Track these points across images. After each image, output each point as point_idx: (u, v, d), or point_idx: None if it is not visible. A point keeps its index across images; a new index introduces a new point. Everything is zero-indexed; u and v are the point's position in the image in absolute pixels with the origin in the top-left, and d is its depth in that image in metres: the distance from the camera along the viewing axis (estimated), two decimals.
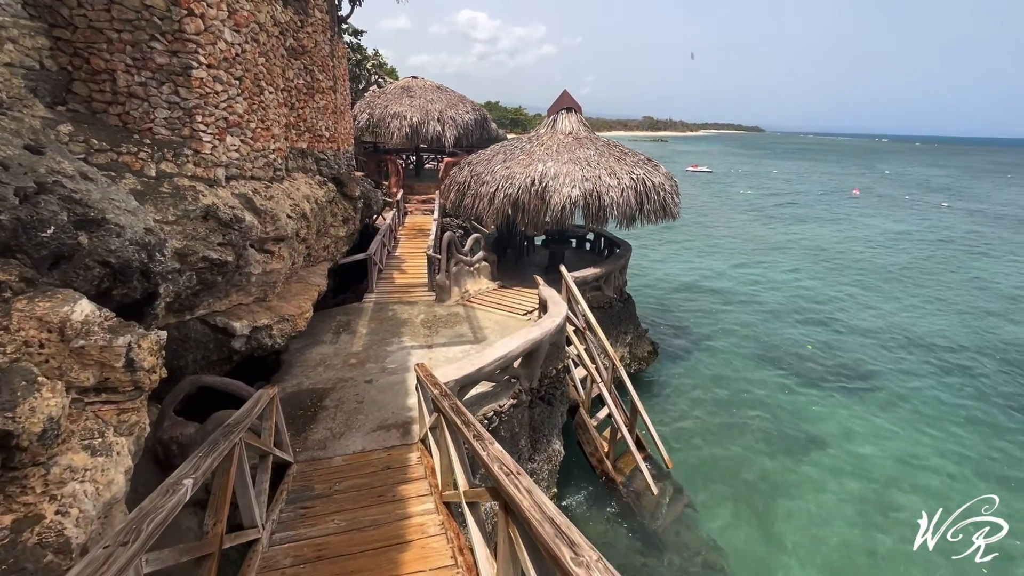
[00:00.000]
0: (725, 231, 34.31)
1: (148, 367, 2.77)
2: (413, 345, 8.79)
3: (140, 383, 2.74)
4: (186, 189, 5.34)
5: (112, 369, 2.55)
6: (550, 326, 7.66)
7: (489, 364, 6.48)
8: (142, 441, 2.88)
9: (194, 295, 5.74)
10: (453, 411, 3.52)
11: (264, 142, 6.85)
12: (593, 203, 10.80)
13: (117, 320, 2.81)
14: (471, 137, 21.42)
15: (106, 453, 2.44)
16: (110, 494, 2.40)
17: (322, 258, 9.78)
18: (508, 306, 10.84)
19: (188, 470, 2.49)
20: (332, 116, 9.81)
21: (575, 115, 12.93)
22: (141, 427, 2.83)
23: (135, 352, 2.68)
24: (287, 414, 6.53)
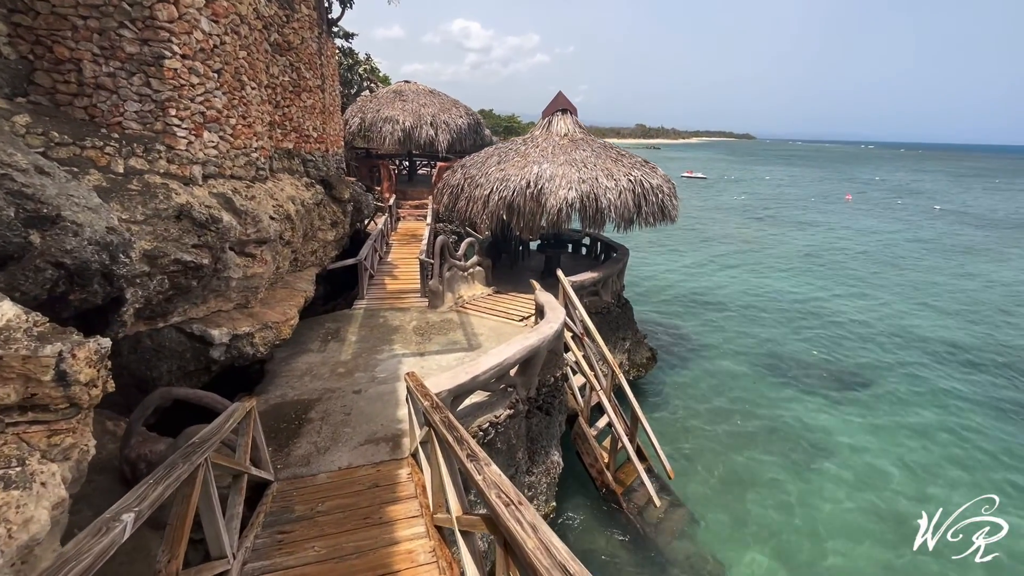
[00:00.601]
0: (721, 236, 34.19)
1: (85, 380, 2.39)
2: (405, 353, 8.40)
3: (76, 399, 2.36)
4: (157, 187, 4.97)
5: (39, 383, 2.18)
6: (548, 332, 7.32)
7: (484, 372, 6.11)
8: (84, 467, 2.50)
9: (167, 301, 5.35)
10: (445, 426, 3.16)
11: (246, 140, 6.50)
12: (590, 205, 10.49)
13: (49, 326, 2.44)
14: (464, 142, 21.14)
15: (23, 485, 2.06)
16: (27, 535, 2.02)
17: (309, 263, 9.39)
18: (503, 312, 10.49)
19: (132, 501, 2.11)
20: (320, 116, 9.47)
21: (570, 117, 12.67)
22: (82, 450, 2.45)
23: (68, 363, 2.31)
24: (269, 427, 6.13)
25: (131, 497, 2.18)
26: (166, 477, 2.47)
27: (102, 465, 4.95)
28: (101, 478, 4.86)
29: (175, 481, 2.48)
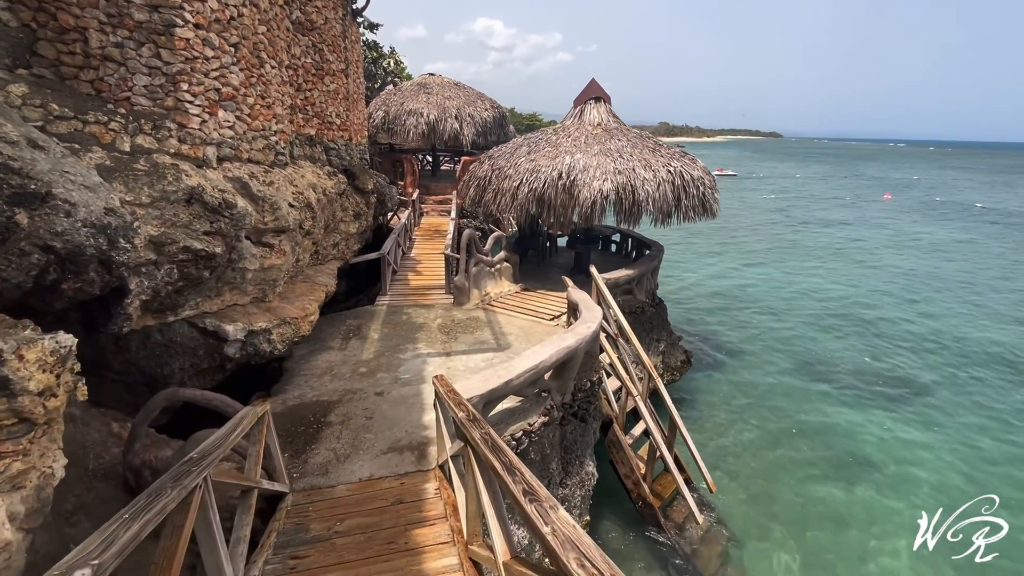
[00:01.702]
0: (754, 236, 32.99)
1: (36, 389, 1.90)
2: (430, 352, 7.89)
3: (25, 413, 1.88)
4: (167, 168, 4.53)
5: None
6: (586, 333, 6.71)
7: (518, 376, 5.55)
8: (47, 494, 2.02)
9: (177, 293, 4.92)
10: (488, 446, 2.59)
11: (264, 121, 6.05)
12: (627, 198, 9.83)
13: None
14: (490, 136, 20.61)
15: None
16: None
17: (331, 256, 8.96)
18: (532, 310, 9.91)
19: (92, 549, 1.61)
20: (344, 102, 9.03)
21: (604, 105, 12.00)
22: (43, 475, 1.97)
23: (11, 367, 1.82)
24: (286, 431, 5.68)
25: (93, 542, 1.67)
26: (146, 509, 1.97)
27: (105, 471, 4.55)
28: (103, 485, 4.45)
29: (157, 515, 1.97)
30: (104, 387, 5.37)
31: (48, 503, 2.07)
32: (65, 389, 2.09)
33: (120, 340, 5.17)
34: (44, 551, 3.87)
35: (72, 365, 2.17)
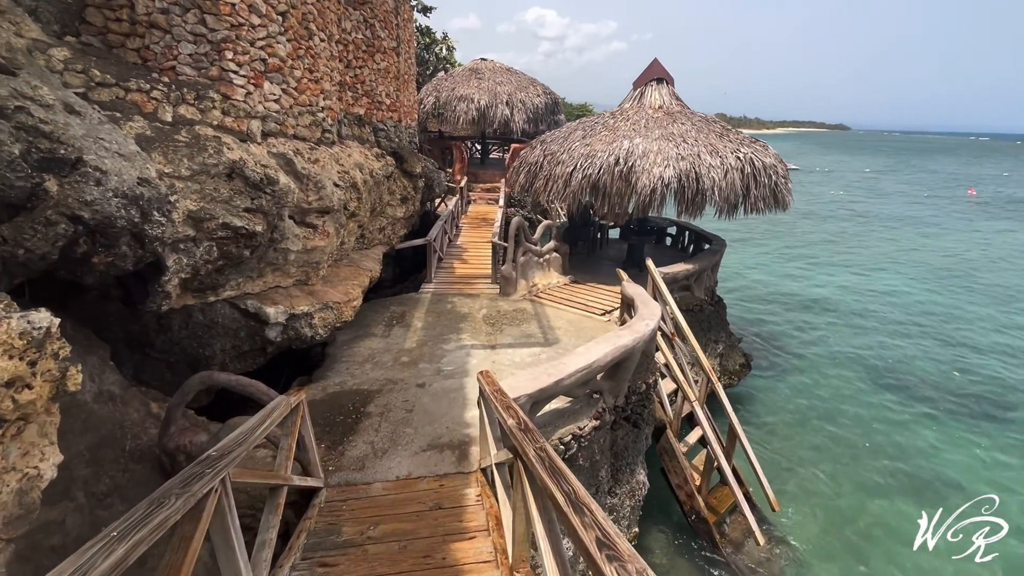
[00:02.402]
0: (819, 233, 30.87)
1: (1, 379, 1.60)
2: (474, 344, 7.53)
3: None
4: (208, 140, 4.31)
5: None
6: (644, 331, 6.13)
7: (569, 376, 5.07)
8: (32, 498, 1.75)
9: (218, 272, 4.73)
10: (544, 467, 2.14)
11: (311, 96, 5.79)
12: (690, 186, 9.07)
13: None
14: (540, 124, 20.00)
15: None
16: None
17: (377, 241, 8.74)
18: (582, 304, 9.37)
19: None
20: (394, 82, 8.73)
21: (666, 86, 11.19)
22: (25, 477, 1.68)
23: None
24: (324, 419, 5.46)
25: (68, 568, 1.34)
26: (140, 525, 1.64)
27: (142, 452, 4.43)
28: (139, 467, 4.33)
29: (153, 532, 1.64)
30: (147, 365, 5.30)
31: (34, 507, 1.80)
32: (46, 379, 1.81)
33: (163, 319, 5.06)
34: (75, 534, 3.76)
35: (56, 350, 1.88)
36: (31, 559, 3.43)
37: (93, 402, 4.19)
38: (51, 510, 3.59)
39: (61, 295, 4.66)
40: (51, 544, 3.49)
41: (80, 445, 3.96)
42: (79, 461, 3.89)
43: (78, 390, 1.97)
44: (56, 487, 3.74)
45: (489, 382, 4.00)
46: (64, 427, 4.04)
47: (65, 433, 4.00)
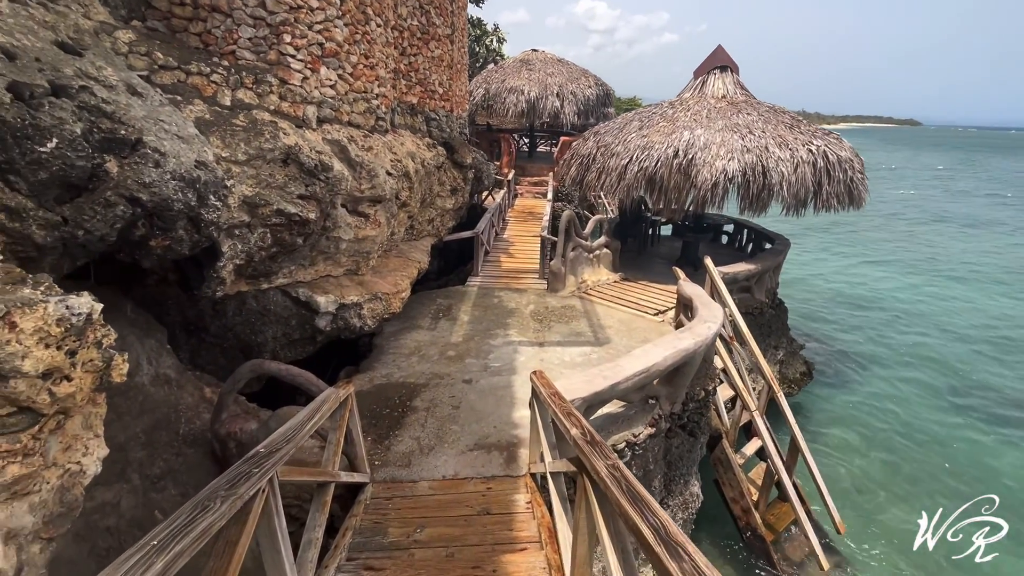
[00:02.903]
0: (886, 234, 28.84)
1: (37, 369, 1.46)
2: (521, 341, 7.30)
3: (24, 401, 1.45)
4: (264, 124, 4.25)
5: None
6: (705, 334, 5.71)
7: (627, 379, 4.75)
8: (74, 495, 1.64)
9: (271, 259, 4.70)
10: (622, 490, 1.87)
11: (367, 83, 5.69)
12: (755, 181, 8.47)
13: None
14: (591, 116, 19.49)
15: None
16: None
17: (425, 232, 8.65)
18: (634, 302, 8.96)
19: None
20: (447, 71, 8.58)
21: (730, 75, 10.53)
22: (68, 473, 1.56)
23: None
24: (371, 412, 5.37)
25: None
26: (183, 533, 1.49)
27: (195, 436, 4.45)
28: (192, 451, 4.36)
29: (196, 541, 1.49)
30: (203, 350, 5.37)
31: (77, 505, 1.70)
32: (88, 369, 1.69)
33: (218, 304, 5.10)
34: (129, 515, 3.80)
35: (100, 337, 1.76)
36: (87, 539, 3.47)
37: (150, 384, 4.23)
38: (107, 491, 3.63)
39: (124, 278, 4.75)
40: (106, 525, 3.52)
41: (136, 427, 4.00)
42: (135, 443, 3.93)
43: (123, 380, 1.85)
44: (112, 469, 3.78)
45: (544, 383, 3.75)
46: (122, 408, 4.10)
47: (123, 415, 4.05)
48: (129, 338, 4.19)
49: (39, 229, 2.54)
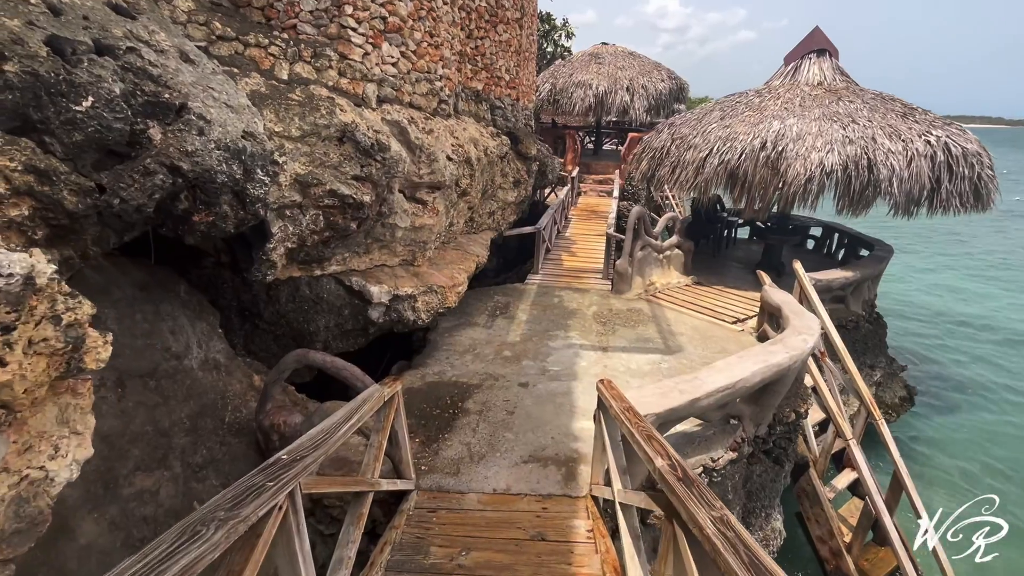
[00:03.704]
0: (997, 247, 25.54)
1: None
2: (583, 344, 6.76)
3: None
4: (321, 100, 4.00)
5: None
6: (801, 348, 4.93)
7: (708, 395, 4.11)
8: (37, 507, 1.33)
9: (324, 244, 4.46)
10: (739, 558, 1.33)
11: (430, 62, 5.37)
12: (859, 175, 7.42)
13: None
14: (662, 111, 18.50)
15: None
16: None
17: (485, 226, 8.29)
18: (709, 309, 8.16)
19: None
20: (515, 57, 8.17)
21: (828, 60, 9.42)
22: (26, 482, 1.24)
23: None
24: (420, 411, 5.04)
25: None
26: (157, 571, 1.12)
27: (240, 426, 4.28)
28: (236, 441, 4.18)
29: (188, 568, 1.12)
30: (256, 336, 5.26)
31: (43, 519, 1.39)
32: (37, 351, 1.36)
33: (271, 289, 4.95)
34: (168, 505, 3.63)
35: (57, 310, 1.43)
36: (123, 527, 3.33)
37: (198, 369, 4.10)
38: (147, 478, 3.49)
39: (181, 259, 4.69)
40: (144, 514, 3.37)
41: (182, 412, 3.86)
42: (179, 429, 3.78)
43: (102, 367, 1.54)
44: (154, 455, 3.65)
45: (615, 395, 3.22)
46: (168, 392, 3.98)
47: (169, 398, 3.92)
48: (180, 319, 4.07)
49: (71, 195, 2.33)
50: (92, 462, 3.25)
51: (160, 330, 3.92)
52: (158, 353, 3.84)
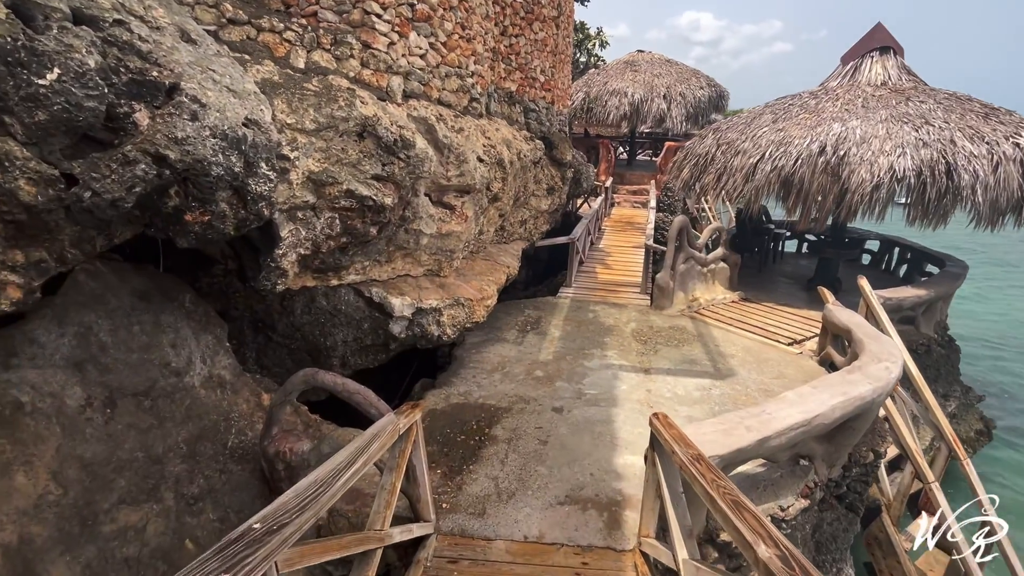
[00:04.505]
0: None
1: None
2: (622, 365, 6.15)
3: None
4: (340, 91, 3.60)
5: None
6: (884, 377, 4.22)
7: (779, 433, 3.47)
8: None
9: (341, 251, 4.05)
10: None
11: (461, 56, 4.96)
12: (937, 181, 6.63)
13: None
14: (700, 119, 17.80)
15: None
16: None
17: (517, 235, 7.81)
18: (760, 328, 7.43)
19: None
20: (551, 58, 7.74)
21: (892, 58, 8.64)
22: None
23: None
24: (444, 437, 4.54)
25: None
26: None
27: (244, 451, 3.86)
28: (239, 468, 3.76)
29: None
30: (269, 350, 4.88)
31: None
32: None
33: (286, 300, 4.57)
34: (155, 543, 3.19)
35: None
36: (99, 572, 2.93)
37: (200, 387, 3.71)
38: (133, 512, 3.07)
39: (191, 267, 4.36)
40: (126, 555, 2.94)
41: (179, 436, 3.46)
42: (174, 455, 3.38)
43: None
44: (143, 485, 3.23)
45: (677, 437, 2.65)
46: (164, 413, 3.57)
47: (164, 420, 3.53)
48: (183, 331, 3.71)
49: (28, 185, 1.94)
50: (69, 495, 2.86)
51: (159, 343, 3.56)
52: (156, 369, 3.47)
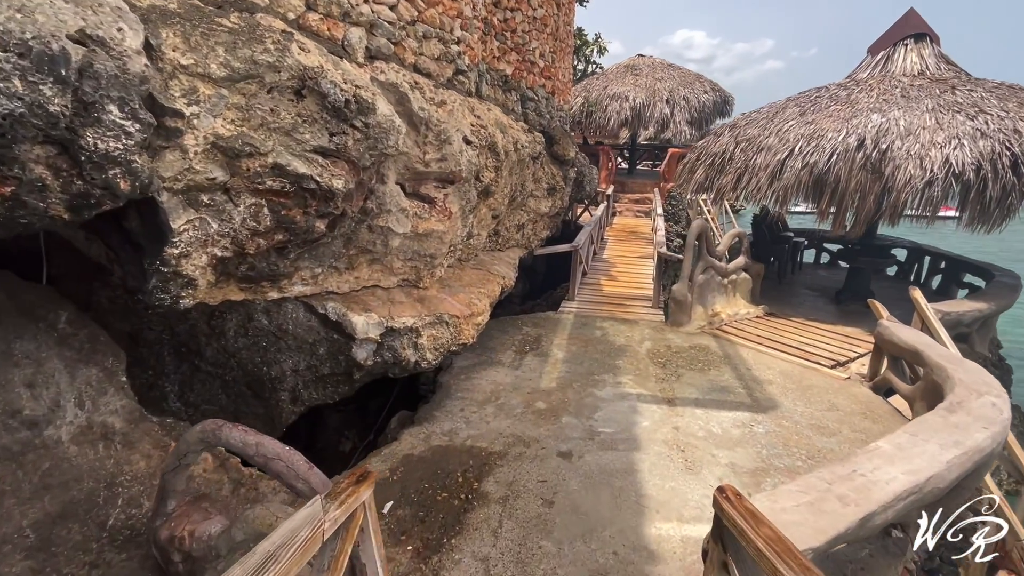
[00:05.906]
0: None
1: None
2: (641, 395, 5.12)
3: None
4: (268, 32, 2.61)
5: None
6: (996, 418, 3.22)
7: (886, 506, 2.47)
8: None
9: (278, 252, 3.02)
10: None
11: (445, 16, 4.01)
12: (1000, 176, 5.71)
13: None
14: (705, 125, 17.00)
15: None
16: None
17: (513, 242, 6.82)
18: (793, 347, 6.43)
19: None
20: (551, 41, 6.83)
21: (929, 45, 7.81)
22: None
23: None
24: (420, 493, 3.50)
25: None
26: None
27: (133, 530, 2.78)
28: (122, 557, 2.66)
29: None
30: (196, 382, 3.82)
31: None
32: None
33: (215, 319, 3.53)
34: None
35: None
36: None
37: (70, 442, 2.64)
38: None
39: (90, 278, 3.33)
40: None
41: (28, 516, 2.39)
42: (13, 548, 2.31)
43: None
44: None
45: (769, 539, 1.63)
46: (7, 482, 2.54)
47: (4, 495, 2.49)
48: (49, 364, 2.66)
49: None
50: None
51: (9, 382, 2.51)
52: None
